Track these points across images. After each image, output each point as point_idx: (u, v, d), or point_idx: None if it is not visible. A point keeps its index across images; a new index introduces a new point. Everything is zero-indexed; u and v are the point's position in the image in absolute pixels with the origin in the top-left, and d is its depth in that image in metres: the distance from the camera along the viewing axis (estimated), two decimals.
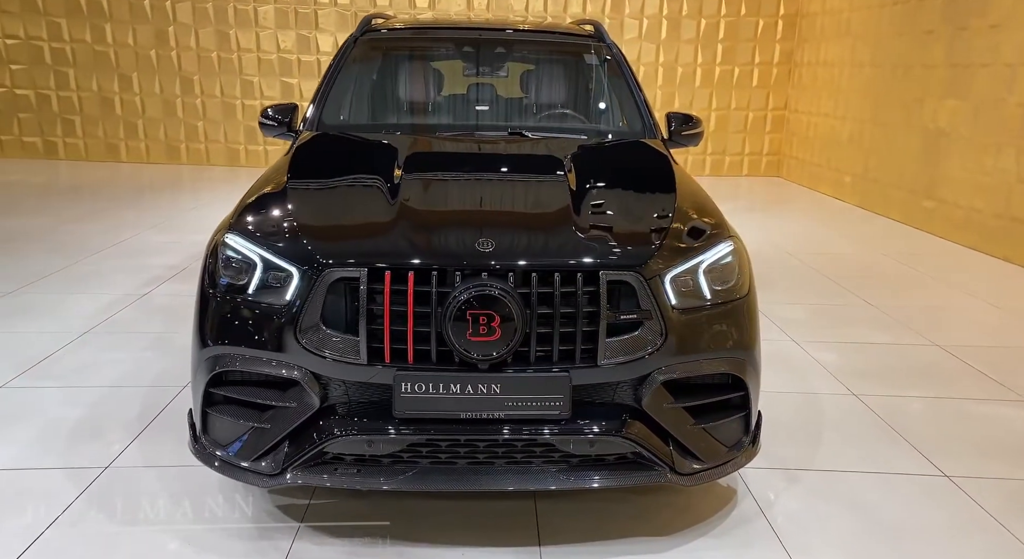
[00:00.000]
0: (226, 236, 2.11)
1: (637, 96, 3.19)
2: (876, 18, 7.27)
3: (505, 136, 3.00)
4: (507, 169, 2.66)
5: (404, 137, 2.91)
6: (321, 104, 3.09)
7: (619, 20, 9.27)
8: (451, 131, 3.11)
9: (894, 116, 6.92)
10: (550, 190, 2.37)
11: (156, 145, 9.39)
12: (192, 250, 5.25)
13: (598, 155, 2.84)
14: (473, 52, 3.45)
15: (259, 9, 8.99)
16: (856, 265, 5.35)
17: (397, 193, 2.24)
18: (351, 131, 3.10)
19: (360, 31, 3.42)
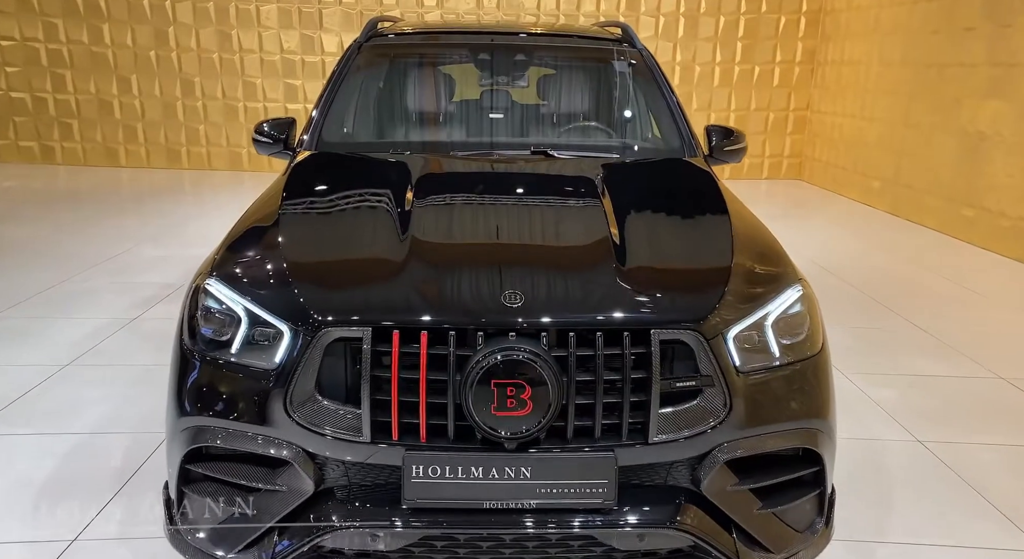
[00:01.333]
0: (207, 282, 1.80)
1: (674, 107, 2.86)
2: (907, 14, 6.90)
3: (528, 155, 2.67)
4: (533, 198, 2.33)
5: (415, 157, 2.59)
6: (322, 118, 2.77)
7: (635, 18, 8.92)
8: (467, 150, 2.77)
9: (928, 118, 6.56)
10: (586, 226, 2.04)
11: (156, 149, 9.10)
12: (189, 265, 4.95)
13: (636, 179, 2.51)
14: (489, 59, 3.12)
15: (261, 8, 8.68)
16: (897, 280, 5.00)
17: (407, 226, 1.92)
18: (355, 149, 2.78)
19: (365, 36, 3.09)
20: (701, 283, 1.79)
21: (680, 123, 2.81)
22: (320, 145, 2.70)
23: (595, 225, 1.98)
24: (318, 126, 2.74)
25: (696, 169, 2.59)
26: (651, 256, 1.89)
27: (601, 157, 2.67)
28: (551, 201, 2.30)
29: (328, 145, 2.71)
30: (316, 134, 2.72)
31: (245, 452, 1.65)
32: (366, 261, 1.87)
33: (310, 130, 2.74)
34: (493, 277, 1.72)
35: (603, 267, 1.77)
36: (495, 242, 1.98)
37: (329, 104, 2.82)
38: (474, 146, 2.81)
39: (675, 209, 2.23)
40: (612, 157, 2.72)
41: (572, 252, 1.94)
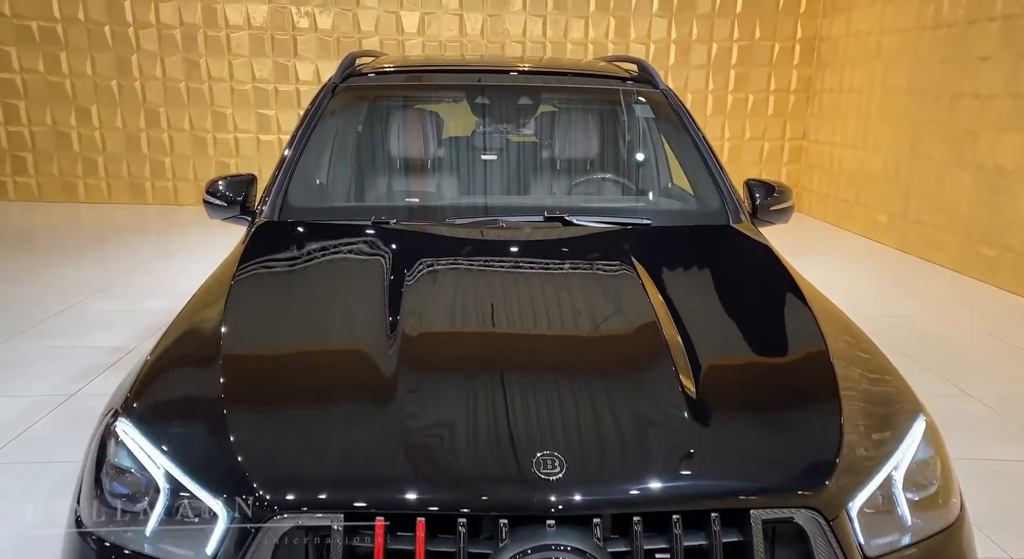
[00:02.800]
0: (116, 424, 1.29)
1: (709, 159, 2.41)
2: (913, 42, 6.59)
3: (542, 223, 2.19)
4: (561, 294, 1.83)
5: (402, 232, 2.10)
6: (287, 177, 2.28)
7: (624, 45, 8.57)
8: (466, 215, 2.27)
9: (940, 150, 6.22)
10: (638, 343, 1.56)
11: (118, 183, 8.53)
12: (144, 323, 4.41)
13: (682, 261, 2.04)
14: (489, 103, 2.66)
15: (232, 36, 8.20)
16: (929, 333, 4.58)
17: (395, 340, 1.44)
18: (328, 217, 2.29)
19: (340, 75, 2.61)
20: (807, 430, 1.32)
21: (719, 179, 2.36)
22: (284, 211, 2.20)
23: (649, 341, 1.51)
24: (282, 187, 2.25)
25: (755, 246, 2.12)
26: (732, 391, 1.41)
27: (629, 224, 2.20)
28: (585, 299, 1.81)
29: (294, 211, 2.22)
30: (279, 197, 2.22)
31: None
32: (338, 406, 1.36)
33: (272, 192, 2.24)
34: (520, 433, 1.23)
35: (671, 413, 1.30)
36: (519, 372, 1.47)
37: (297, 159, 2.33)
38: (475, 211, 2.32)
39: (745, 311, 1.75)
40: (642, 222, 2.26)
41: (626, 388, 1.44)
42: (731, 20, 8.52)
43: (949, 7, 6.08)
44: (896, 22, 6.86)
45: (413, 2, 8.25)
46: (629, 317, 1.66)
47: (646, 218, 2.28)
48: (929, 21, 6.34)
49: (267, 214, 2.17)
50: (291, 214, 2.19)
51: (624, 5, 8.43)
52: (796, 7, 8.49)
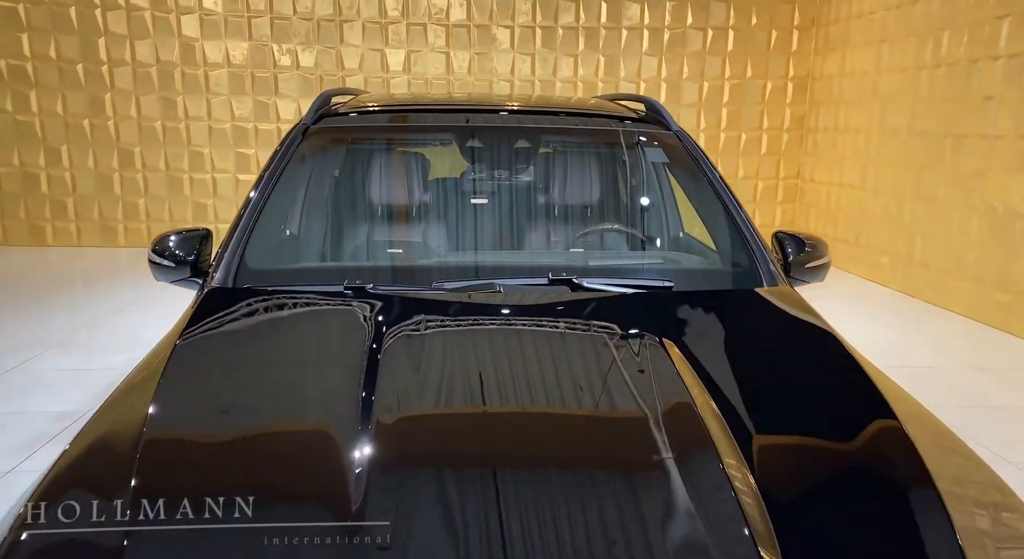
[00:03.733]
0: (17, 540, 0.96)
1: (735, 212, 2.11)
2: (912, 81, 6.43)
3: (545, 288, 1.86)
4: (572, 376, 1.49)
5: (379, 298, 1.76)
6: (245, 234, 1.94)
7: (614, 84, 8.41)
8: (456, 278, 1.92)
9: (945, 192, 6.01)
10: (675, 436, 1.23)
11: (88, 226, 8.16)
12: (100, 384, 4.02)
13: (719, 335, 1.72)
14: (481, 147, 2.35)
15: (211, 74, 7.94)
16: (950, 387, 4.28)
17: (362, 437, 1.10)
18: (291, 281, 1.94)
19: (313, 116, 2.30)
20: (913, 548, 1.00)
21: (748, 234, 2.05)
22: (241, 275, 1.86)
23: (689, 432, 1.17)
24: (239, 246, 1.91)
25: (803, 318, 1.80)
26: (805, 509, 1.10)
27: (649, 288, 1.88)
28: (602, 382, 1.47)
29: (252, 274, 1.88)
30: (235, 258, 1.88)
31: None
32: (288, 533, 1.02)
33: (227, 251, 1.90)
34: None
35: (730, 531, 0.97)
36: (520, 482, 1.14)
37: (258, 212, 2.00)
38: (466, 273, 1.99)
39: (805, 398, 1.42)
40: (663, 284, 1.92)
41: (662, 497, 1.12)
42: (722, 58, 8.40)
43: (949, 46, 5.93)
44: (893, 61, 6.72)
45: (398, 40, 8.06)
46: (658, 402, 1.34)
47: (667, 280, 1.94)
48: (928, 60, 6.19)
49: (219, 278, 1.83)
50: (248, 278, 1.85)
51: (613, 43, 8.28)
52: (787, 46, 8.39)
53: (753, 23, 8.29)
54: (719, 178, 2.21)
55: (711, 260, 2.18)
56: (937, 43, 6.08)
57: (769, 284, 1.91)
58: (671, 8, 8.22)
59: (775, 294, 1.88)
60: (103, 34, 7.67)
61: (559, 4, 8.14)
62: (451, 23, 8.07)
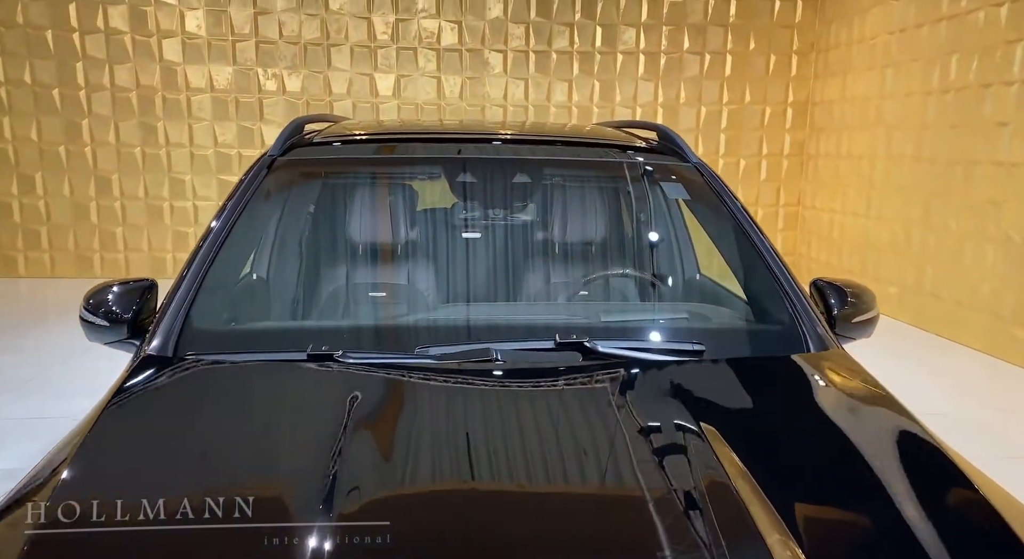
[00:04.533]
0: None
1: (769, 258, 1.82)
2: (918, 107, 6.22)
3: (551, 354, 1.54)
4: (586, 462, 1.20)
5: (349, 371, 1.44)
6: (193, 289, 1.63)
7: (609, 109, 8.19)
8: (445, 343, 1.59)
9: (957, 221, 5.77)
10: (723, 526, 0.98)
11: (63, 256, 7.81)
12: (53, 432, 3.65)
13: (765, 416, 1.41)
14: (476, 182, 2.05)
15: (193, 99, 7.68)
16: (983, 435, 3.98)
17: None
18: (244, 350, 1.61)
19: (281, 146, 2.00)
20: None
21: (788, 285, 1.75)
22: (186, 340, 1.54)
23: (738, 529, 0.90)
24: (184, 304, 1.59)
25: (866, 391, 1.48)
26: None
27: (673, 351, 1.57)
28: (629, 472, 1.17)
29: (197, 340, 1.55)
30: (178, 319, 1.56)
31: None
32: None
33: (169, 310, 1.58)
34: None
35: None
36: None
37: (209, 261, 1.68)
38: (455, 335, 1.67)
39: (883, 503, 1.12)
40: (692, 349, 1.59)
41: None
42: (720, 83, 8.21)
43: (958, 71, 5.73)
44: (898, 86, 6.52)
45: (388, 64, 7.83)
46: (697, 496, 1.04)
47: (696, 342, 1.62)
48: (936, 85, 5.99)
49: (156, 345, 1.51)
50: (192, 343, 1.52)
51: (609, 68, 8.08)
52: (787, 71, 8.21)
53: (751, 48, 8.12)
54: (749, 218, 1.93)
55: (742, 313, 1.88)
56: (945, 68, 5.88)
57: (817, 347, 1.61)
58: (667, 32, 8.04)
59: (828, 362, 1.57)
60: (81, 58, 7.41)
61: (553, 28, 7.95)
62: (442, 47, 7.86)
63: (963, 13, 5.67)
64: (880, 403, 1.44)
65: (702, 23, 8.06)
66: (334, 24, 7.70)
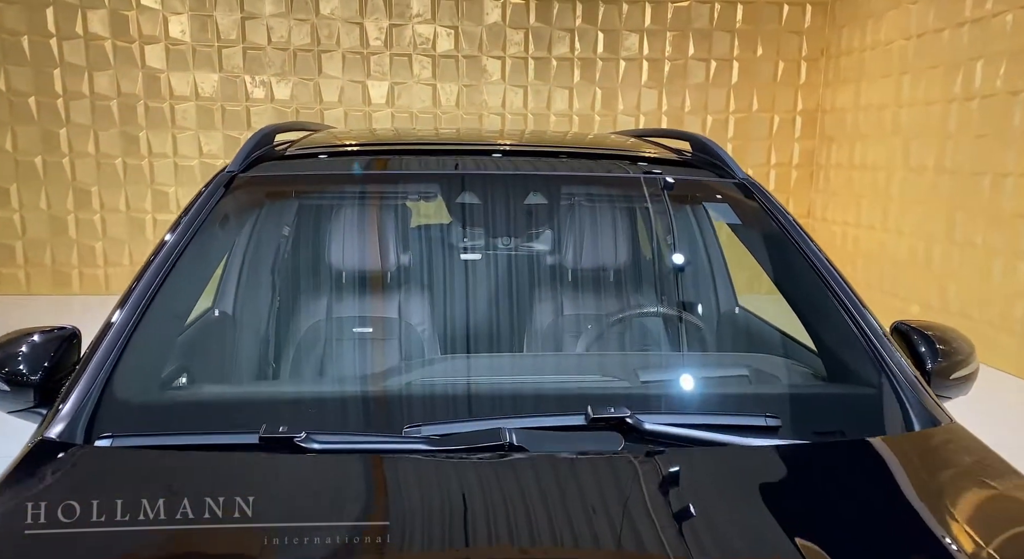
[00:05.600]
0: None
1: (845, 297, 1.46)
2: (940, 115, 5.91)
3: (581, 437, 1.17)
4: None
5: (313, 460, 1.07)
6: (117, 345, 1.26)
7: (612, 117, 7.88)
8: (439, 420, 1.21)
9: (984, 236, 5.44)
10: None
11: (39, 272, 7.44)
12: None
13: (867, 520, 1.04)
14: (479, 204, 1.69)
15: (177, 107, 7.33)
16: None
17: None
18: (177, 429, 1.22)
19: (242, 161, 1.64)
20: None
21: (875, 336, 1.39)
22: (99, 421, 1.16)
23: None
24: (102, 367, 1.22)
25: (1002, 492, 1.11)
26: None
27: (740, 429, 1.20)
28: None
29: (119, 417, 1.19)
30: (93, 387, 1.20)
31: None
32: None
33: (82, 379, 1.21)
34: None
35: None
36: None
37: (144, 306, 1.32)
38: (456, 406, 1.29)
39: None
40: (765, 424, 1.22)
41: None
42: (726, 91, 7.90)
43: (984, 78, 5.42)
44: (916, 94, 6.21)
45: (381, 71, 7.50)
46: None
47: (769, 415, 1.23)
48: (959, 93, 5.68)
49: (59, 428, 1.15)
50: (108, 423, 1.15)
51: (611, 75, 7.77)
52: (795, 78, 7.91)
53: (759, 54, 7.82)
54: (817, 249, 1.58)
55: (813, 367, 1.52)
56: (969, 74, 5.57)
57: (925, 422, 1.24)
58: (672, 38, 7.73)
59: (951, 447, 1.18)
60: (59, 65, 7.06)
61: (553, 34, 7.63)
62: (438, 54, 7.53)
63: (988, 16, 5.37)
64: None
65: (707, 28, 7.75)
66: (325, 29, 7.38)
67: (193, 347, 1.69)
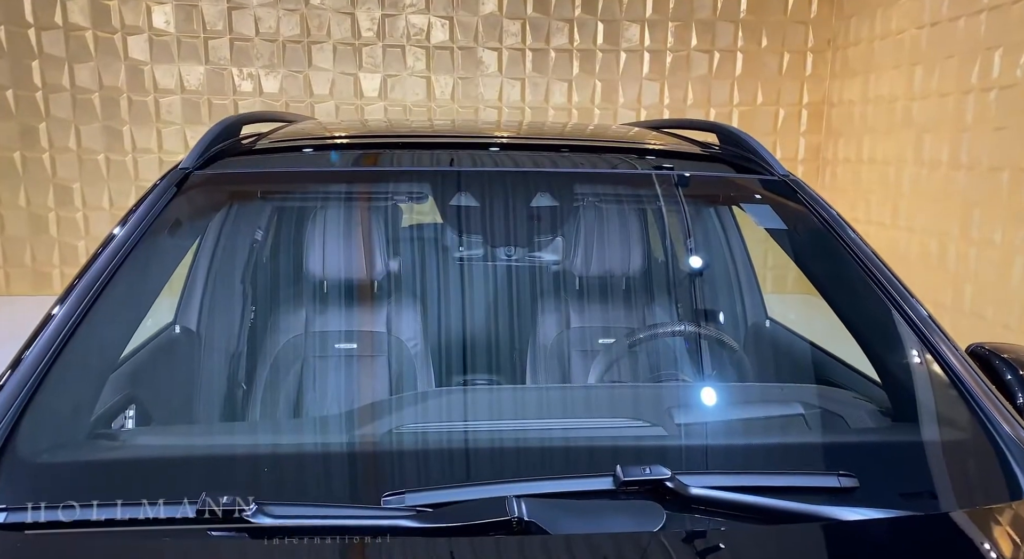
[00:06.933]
0: None
1: (919, 320, 1.22)
2: (955, 108, 5.68)
3: (617, 517, 0.88)
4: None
5: (280, 544, 0.82)
6: (23, 391, 1.01)
7: (612, 110, 7.63)
8: (428, 488, 0.93)
9: (1004, 233, 5.21)
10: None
11: (19, 272, 7.17)
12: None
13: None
14: (477, 206, 1.44)
15: (161, 101, 7.06)
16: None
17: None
18: (101, 499, 0.90)
19: (198, 157, 1.39)
20: None
21: (956, 361, 1.15)
22: (6, 477, 0.91)
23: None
24: (12, 418, 0.97)
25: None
26: None
27: (810, 492, 0.94)
28: None
29: (16, 487, 0.93)
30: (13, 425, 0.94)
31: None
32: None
33: (14, 412, 0.96)
34: None
35: None
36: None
37: (65, 335, 1.08)
38: (448, 469, 0.99)
39: None
40: (839, 485, 0.95)
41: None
42: (730, 83, 7.66)
43: (1004, 67, 5.19)
44: (929, 85, 5.98)
45: (374, 63, 7.23)
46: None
47: (844, 474, 0.96)
48: (975, 83, 5.45)
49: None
50: (11, 488, 0.89)
51: (611, 68, 7.52)
52: (801, 70, 7.67)
53: (763, 45, 7.57)
54: (883, 266, 1.33)
55: (874, 398, 1.27)
56: (987, 64, 5.33)
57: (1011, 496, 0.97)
58: (674, 29, 7.48)
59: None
60: (37, 57, 6.78)
61: (551, 25, 7.38)
62: (432, 45, 7.27)
63: (1008, 3, 5.13)
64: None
65: (711, 19, 7.50)
66: (315, 20, 7.11)
67: (147, 371, 1.45)
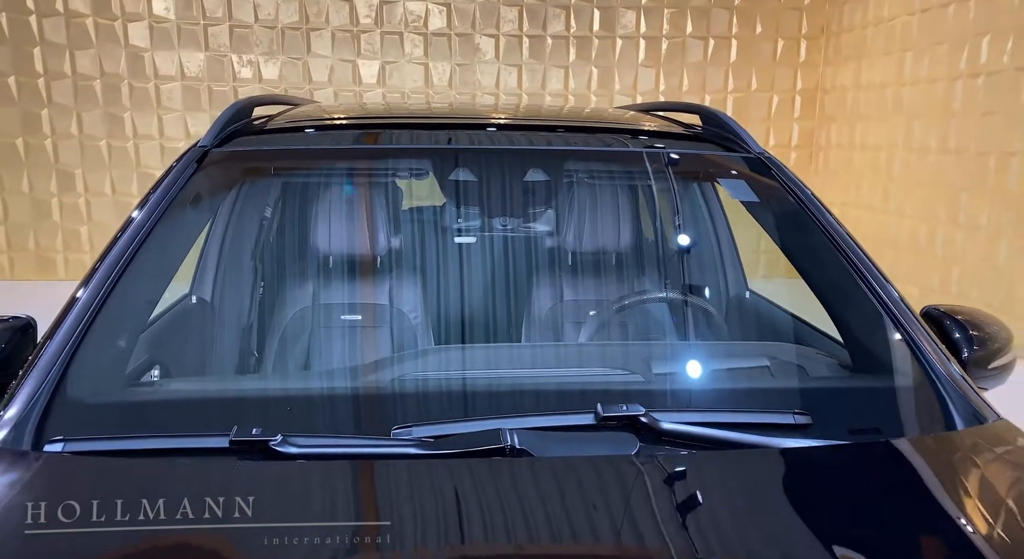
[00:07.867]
0: None
1: (875, 281, 1.35)
2: (944, 93, 5.78)
3: (590, 438, 1.03)
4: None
5: (288, 464, 0.94)
6: (73, 339, 1.13)
7: (608, 97, 7.72)
8: (433, 421, 1.08)
9: (989, 217, 5.34)
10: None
11: (23, 257, 7.27)
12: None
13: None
14: (474, 181, 1.56)
15: (162, 87, 7.13)
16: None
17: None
18: (142, 431, 1.08)
19: (215, 135, 1.51)
20: None
21: (909, 323, 1.27)
22: (50, 423, 1.03)
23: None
24: (54, 364, 1.09)
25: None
26: None
27: (766, 427, 1.08)
28: None
29: (71, 419, 1.06)
30: (43, 386, 1.07)
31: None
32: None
33: (29, 375, 1.08)
34: None
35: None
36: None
37: (105, 292, 1.20)
38: (448, 404, 1.15)
39: None
40: (794, 422, 1.09)
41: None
42: (724, 70, 7.75)
43: (991, 53, 5.29)
44: (919, 71, 6.08)
45: (372, 50, 7.31)
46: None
47: (798, 412, 1.10)
48: (964, 69, 5.55)
49: (5, 432, 1.01)
50: (61, 423, 1.01)
51: (607, 54, 7.60)
52: (795, 57, 7.75)
53: (758, 32, 7.66)
54: (842, 229, 1.46)
55: (837, 356, 1.41)
56: (975, 50, 5.43)
57: (969, 420, 1.12)
58: (669, 16, 7.56)
59: (999, 443, 1.06)
60: (38, 43, 6.85)
61: (548, 11, 7.45)
62: (430, 32, 7.34)
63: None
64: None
65: (706, 6, 7.58)
66: (313, 7, 7.18)
67: (167, 337, 1.57)
